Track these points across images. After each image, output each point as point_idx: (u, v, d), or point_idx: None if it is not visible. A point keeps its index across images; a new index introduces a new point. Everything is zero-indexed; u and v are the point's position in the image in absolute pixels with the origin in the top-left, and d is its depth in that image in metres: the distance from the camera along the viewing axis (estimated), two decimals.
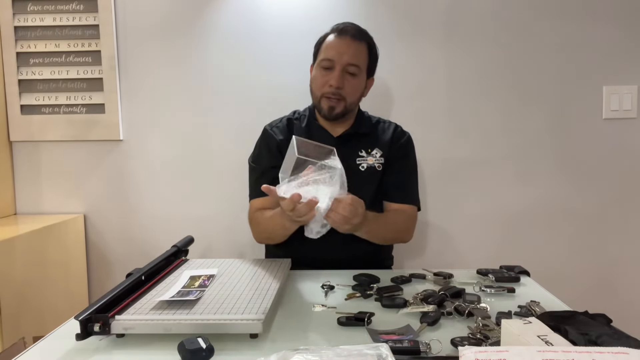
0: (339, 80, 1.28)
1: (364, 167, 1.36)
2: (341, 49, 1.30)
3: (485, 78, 1.78)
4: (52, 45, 1.78)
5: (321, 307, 0.93)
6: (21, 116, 1.80)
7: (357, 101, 1.37)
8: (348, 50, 1.30)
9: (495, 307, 0.91)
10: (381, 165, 1.36)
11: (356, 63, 1.30)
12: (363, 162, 1.36)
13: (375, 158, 1.37)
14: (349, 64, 1.29)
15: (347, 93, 1.31)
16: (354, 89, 1.33)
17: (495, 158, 1.81)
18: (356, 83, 1.33)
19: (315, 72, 1.35)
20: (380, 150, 1.38)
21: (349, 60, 1.29)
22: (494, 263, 1.22)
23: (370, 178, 1.35)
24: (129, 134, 1.82)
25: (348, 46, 1.30)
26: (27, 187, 1.84)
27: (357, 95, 1.35)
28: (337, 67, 1.29)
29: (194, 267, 1.09)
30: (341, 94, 1.30)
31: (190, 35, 1.78)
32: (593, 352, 0.52)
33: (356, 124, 1.40)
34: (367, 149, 1.38)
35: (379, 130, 1.42)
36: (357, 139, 1.38)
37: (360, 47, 1.32)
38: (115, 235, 1.85)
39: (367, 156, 1.37)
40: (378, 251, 1.39)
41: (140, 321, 0.78)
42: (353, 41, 1.31)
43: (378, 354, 0.59)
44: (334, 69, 1.29)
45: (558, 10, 1.76)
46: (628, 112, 1.78)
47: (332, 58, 1.29)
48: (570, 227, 1.82)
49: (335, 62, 1.29)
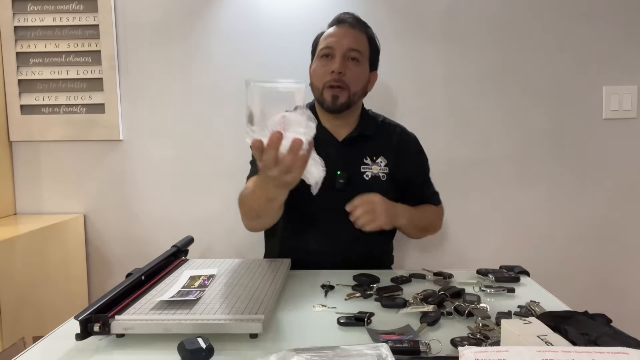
0: (341, 65, 1.23)
1: (368, 175, 1.31)
2: (340, 35, 1.26)
3: (485, 78, 1.78)
4: (52, 45, 1.78)
5: (321, 307, 0.93)
6: (21, 116, 1.80)
7: (361, 93, 1.31)
8: (347, 35, 1.25)
9: (495, 307, 0.91)
10: (385, 175, 1.32)
11: (357, 48, 1.25)
12: (367, 170, 1.31)
13: (380, 167, 1.32)
14: (350, 48, 1.24)
15: (350, 80, 1.24)
16: (357, 76, 1.27)
17: (495, 158, 1.81)
18: (359, 70, 1.27)
19: (315, 64, 1.30)
20: (385, 158, 1.33)
21: (349, 44, 1.24)
22: (494, 263, 1.22)
23: (374, 187, 1.26)
24: (129, 134, 1.82)
25: (347, 32, 1.26)
26: (27, 187, 1.84)
27: (361, 85, 1.29)
28: (338, 53, 1.24)
29: (193, 267, 1.09)
30: (344, 81, 1.24)
31: (190, 35, 1.78)
32: (593, 352, 0.52)
33: (361, 125, 1.34)
34: (372, 155, 1.33)
35: (384, 132, 1.37)
36: (362, 142, 1.33)
37: (360, 35, 1.28)
38: (115, 235, 1.85)
39: (372, 164, 1.32)
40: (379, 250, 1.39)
41: (140, 321, 0.78)
42: (352, 29, 1.27)
43: (378, 354, 0.59)
44: (334, 56, 1.24)
45: (558, 10, 1.76)
46: (628, 112, 1.78)
47: (331, 45, 1.25)
48: (570, 227, 1.82)
49: (335, 48, 1.24)
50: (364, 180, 1.30)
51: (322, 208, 1.24)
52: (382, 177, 1.31)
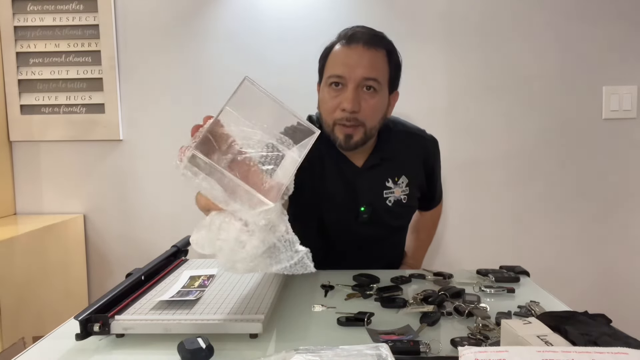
0: (353, 102, 1.04)
1: (391, 201, 1.19)
2: (352, 61, 1.05)
3: (485, 78, 1.78)
4: (52, 45, 1.78)
5: (321, 307, 0.93)
6: (21, 116, 1.80)
7: (378, 125, 1.13)
8: (361, 61, 1.05)
9: (495, 307, 0.91)
10: (406, 197, 1.21)
11: (373, 77, 1.05)
12: (390, 195, 1.19)
13: (401, 189, 1.20)
14: (364, 78, 1.05)
15: (365, 116, 1.06)
16: (374, 110, 1.08)
17: (495, 158, 1.81)
18: (376, 102, 1.07)
19: (323, 92, 1.11)
20: (406, 177, 1.21)
21: (363, 74, 1.04)
22: (494, 263, 1.22)
23: (396, 213, 1.22)
24: (129, 134, 1.82)
25: (361, 57, 1.05)
26: (27, 187, 1.84)
27: (379, 118, 1.11)
28: (350, 84, 1.05)
29: (193, 267, 1.09)
30: (358, 119, 1.06)
31: (190, 35, 1.78)
32: (593, 352, 0.52)
33: (379, 148, 1.19)
34: (394, 177, 1.20)
35: (405, 148, 1.22)
36: (382, 164, 1.19)
37: (376, 56, 1.07)
38: (115, 235, 1.85)
39: (394, 187, 1.19)
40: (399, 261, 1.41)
41: (140, 321, 0.77)
42: (367, 50, 1.05)
43: (378, 354, 0.59)
44: (346, 87, 1.05)
45: (558, 10, 1.76)
46: (628, 112, 1.78)
47: (341, 74, 1.05)
48: (570, 227, 1.82)
49: (347, 78, 1.05)
50: (386, 207, 1.20)
51: (346, 240, 1.23)
52: (403, 200, 1.22)
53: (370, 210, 1.18)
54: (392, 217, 1.22)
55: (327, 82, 1.09)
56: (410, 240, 1.49)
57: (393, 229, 1.28)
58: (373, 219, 1.19)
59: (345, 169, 1.17)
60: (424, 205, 1.42)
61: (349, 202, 1.18)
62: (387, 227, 1.25)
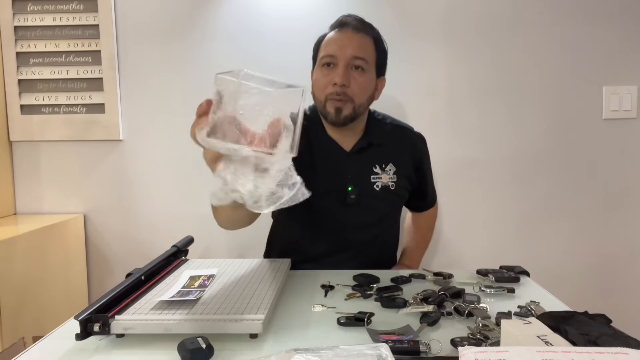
0: (343, 77, 1.15)
1: (378, 186, 1.26)
2: (343, 42, 1.17)
3: (485, 78, 1.78)
4: (52, 45, 1.78)
5: (321, 307, 0.93)
6: (21, 116, 1.80)
7: (366, 103, 1.23)
8: (351, 42, 1.16)
9: (495, 307, 0.91)
10: (394, 184, 1.27)
11: (362, 56, 1.17)
12: (378, 180, 1.26)
13: (389, 175, 1.27)
14: (353, 57, 1.16)
15: (354, 92, 1.17)
16: (362, 87, 1.18)
17: (495, 158, 1.81)
18: (364, 80, 1.18)
19: (317, 73, 1.22)
20: (394, 165, 1.28)
21: (353, 52, 1.16)
22: (494, 263, 1.22)
23: (383, 197, 1.27)
24: (129, 134, 1.82)
25: (350, 39, 1.17)
26: (27, 187, 1.84)
27: (367, 96, 1.21)
28: (340, 62, 1.16)
29: (193, 267, 1.09)
30: (347, 94, 1.16)
31: (190, 35, 1.78)
32: (593, 352, 0.52)
33: (368, 133, 1.28)
34: (382, 163, 1.27)
35: (393, 138, 1.30)
36: (370, 150, 1.27)
37: (365, 40, 1.19)
38: (115, 235, 1.85)
39: (382, 173, 1.26)
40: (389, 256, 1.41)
41: (140, 321, 0.77)
42: (356, 34, 1.18)
43: (378, 354, 0.59)
44: (337, 65, 1.16)
45: (558, 10, 1.76)
46: (628, 112, 1.78)
47: (333, 53, 1.17)
48: (570, 227, 1.82)
49: (338, 57, 1.16)
50: (374, 191, 1.26)
51: (334, 222, 1.26)
52: (391, 187, 1.27)
53: (357, 191, 1.23)
54: (380, 202, 1.27)
55: (320, 63, 1.20)
56: (405, 241, 1.51)
57: (381, 216, 1.30)
58: (361, 202, 1.23)
59: (334, 152, 1.25)
60: (417, 205, 1.45)
61: (337, 184, 1.23)
62: (375, 212, 1.27)
